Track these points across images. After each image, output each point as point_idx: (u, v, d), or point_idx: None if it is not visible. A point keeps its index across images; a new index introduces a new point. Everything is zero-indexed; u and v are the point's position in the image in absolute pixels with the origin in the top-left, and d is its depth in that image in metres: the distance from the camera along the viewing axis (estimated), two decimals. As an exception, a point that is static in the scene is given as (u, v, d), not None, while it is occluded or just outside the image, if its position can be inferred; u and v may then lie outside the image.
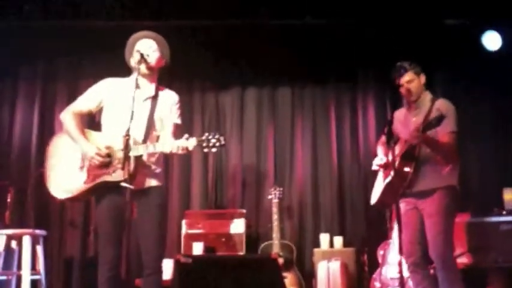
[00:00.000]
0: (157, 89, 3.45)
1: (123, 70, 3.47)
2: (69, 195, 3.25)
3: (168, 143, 3.22)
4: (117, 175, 3.13)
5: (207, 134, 3.20)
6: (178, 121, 3.49)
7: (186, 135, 3.19)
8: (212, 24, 5.77)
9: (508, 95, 5.97)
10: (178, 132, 3.44)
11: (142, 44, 3.40)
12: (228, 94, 6.12)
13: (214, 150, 3.20)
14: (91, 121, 3.68)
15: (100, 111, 3.43)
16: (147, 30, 3.49)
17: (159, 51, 3.43)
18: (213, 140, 3.18)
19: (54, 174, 3.30)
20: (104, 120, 3.41)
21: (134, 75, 3.35)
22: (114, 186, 3.10)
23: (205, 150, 3.20)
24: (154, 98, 3.40)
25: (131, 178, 3.06)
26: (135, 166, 3.16)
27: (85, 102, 3.41)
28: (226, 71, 6.06)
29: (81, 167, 3.23)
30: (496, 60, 5.81)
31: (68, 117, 3.35)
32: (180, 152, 3.18)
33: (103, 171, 3.18)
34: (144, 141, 3.28)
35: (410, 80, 3.65)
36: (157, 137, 3.40)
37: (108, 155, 3.19)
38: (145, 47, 3.37)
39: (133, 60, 3.38)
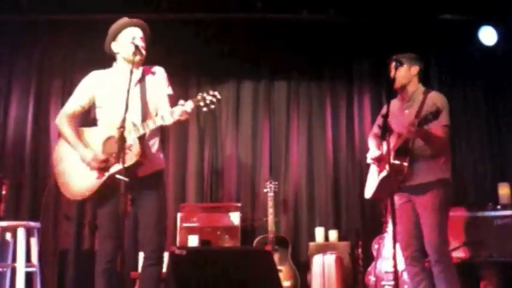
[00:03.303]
0: (143, 72, 3.43)
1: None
2: (87, 194, 3.23)
3: (166, 114, 3.18)
4: (126, 161, 3.05)
5: (201, 94, 3.20)
6: (170, 91, 3.47)
7: (182, 101, 3.17)
8: (208, 18, 5.77)
9: (502, 89, 6.00)
10: (173, 102, 3.42)
11: (130, 33, 3.35)
12: (224, 88, 6.09)
13: (213, 107, 3.19)
14: (86, 116, 3.70)
15: (93, 106, 3.42)
16: (126, 18, 3.44)
17: (145, 40, 3.40)
18: (209, 97, 3.19)
19: (67, 179, 3.27)
20: (99, 114, 3.40)
21: (120, 64, 3.36)
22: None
23: (204, 109, 3.18)
24: (142, 79, 3.39)
25: (138, 164, 3.13)
26: (142, 150, 3.17)
27: (76, 101, 3.39)
28: (222, 65, 6.03)
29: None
30: (491, 55, 5.83)
31: (62, 122, 3.33)
32: (181, 118, 3.14)
33: (111, 163, 3.16)
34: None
35: (397, 67, 3.59)
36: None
37: (106, 160, 3.17)
38: (133, 36, 3.32)
39: (119, 48, 3.36)
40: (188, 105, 3.15)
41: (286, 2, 5.62)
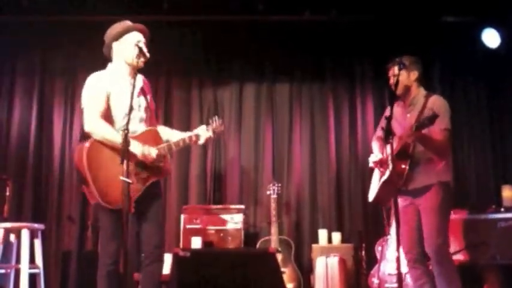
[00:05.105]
0: (143, 80, 3.47)
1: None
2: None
3: (188, 135, 3.50)
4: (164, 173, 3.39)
5: (211, 121, 3.70)
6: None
7: (204, 126, 3.60)
8: (210, 20, 5.76)
9: (504, 91, 5.99)
10: None
11: (133, 37, 3.33)
12: (227, 90, 6.10)
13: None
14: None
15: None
16: (129, 22, 3.42)
17: (147, 45, 3.38)
18: (215, 124, 3.69)
19: (103, 186, 3.12)
20: (113, 116, 3.35)
21: (119, 67, 3.35)
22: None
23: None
24: (143, 89, 3.43)
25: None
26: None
27: (99, 102, 3.25)
28: (224, 67, 6.06)
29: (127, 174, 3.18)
30: (493, 56, 5.82)
31: (99, 125, 3.18)
32: (203, 142, 3.60)
33: (148, 173, 3.27)
34: None
35: (397, 74, 3.57)
36: None
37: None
38: (137, 39, 3.31)
39: (121, 51, 3.34)
40: (210, 133, 3.64)
41: (288, 3, 5.62)
